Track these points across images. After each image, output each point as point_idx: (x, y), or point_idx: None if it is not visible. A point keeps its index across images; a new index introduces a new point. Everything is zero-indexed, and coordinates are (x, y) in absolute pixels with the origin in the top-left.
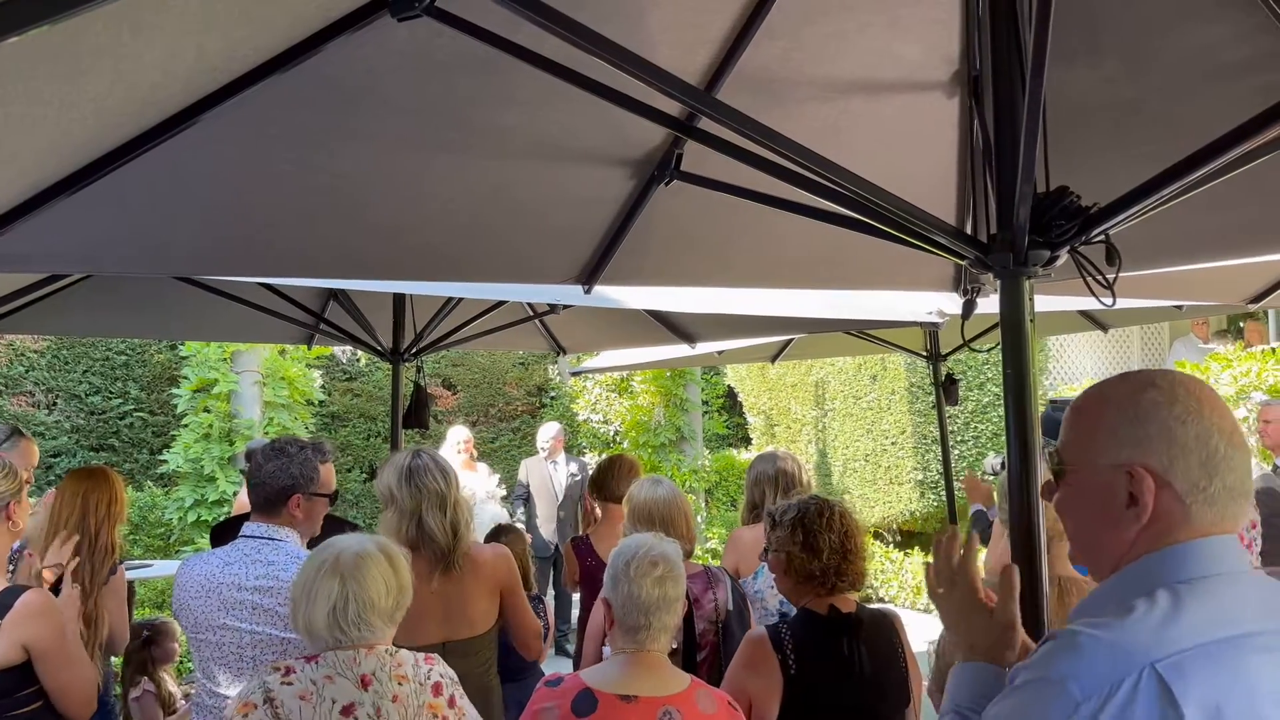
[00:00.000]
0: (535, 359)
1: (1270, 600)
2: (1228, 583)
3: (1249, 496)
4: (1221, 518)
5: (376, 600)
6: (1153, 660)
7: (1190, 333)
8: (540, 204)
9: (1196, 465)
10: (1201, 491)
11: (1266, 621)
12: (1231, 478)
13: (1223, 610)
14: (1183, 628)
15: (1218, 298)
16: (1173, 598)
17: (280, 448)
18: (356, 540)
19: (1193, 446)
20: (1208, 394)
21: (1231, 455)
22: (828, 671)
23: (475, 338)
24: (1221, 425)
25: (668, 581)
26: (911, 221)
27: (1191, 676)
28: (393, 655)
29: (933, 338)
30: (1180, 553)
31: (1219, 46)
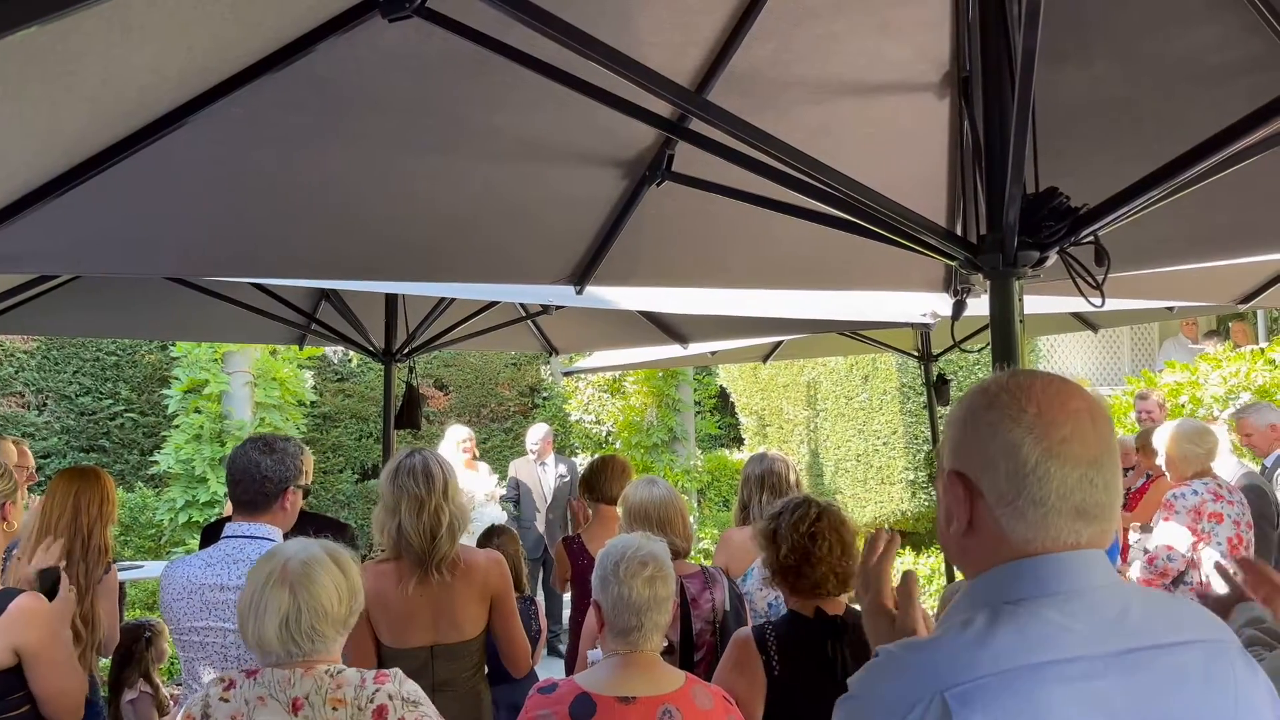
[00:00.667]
0: (527, 359)
1: (1111, 622)
2: (1060, 603)
3: (1084, 514)
4: (1044, 533)
5: (329, 608)
6: (943, 687)
7: (1180, 333)
8: (532, 205)
9: (1003, 477)
10: (1009, 504)
11: (1091, 647)
12: (1042, 492)
13: (1040, 635)
14: (988, 653)
15: (1208, 298)
16: (990, 619)
17: (270, 443)
18: (302, 546)
19: (999, 457)
20: (1050, 401)
21: (1048, 468)
22: (810, 674)
23: (467, 338)
24: (1048, 435)
25: (658, 581)
26: (901, 222)
27: (978, 705)
28: (334, 676)
29: (924, 338)
30: (1011, 571)
31: (1208, 48)
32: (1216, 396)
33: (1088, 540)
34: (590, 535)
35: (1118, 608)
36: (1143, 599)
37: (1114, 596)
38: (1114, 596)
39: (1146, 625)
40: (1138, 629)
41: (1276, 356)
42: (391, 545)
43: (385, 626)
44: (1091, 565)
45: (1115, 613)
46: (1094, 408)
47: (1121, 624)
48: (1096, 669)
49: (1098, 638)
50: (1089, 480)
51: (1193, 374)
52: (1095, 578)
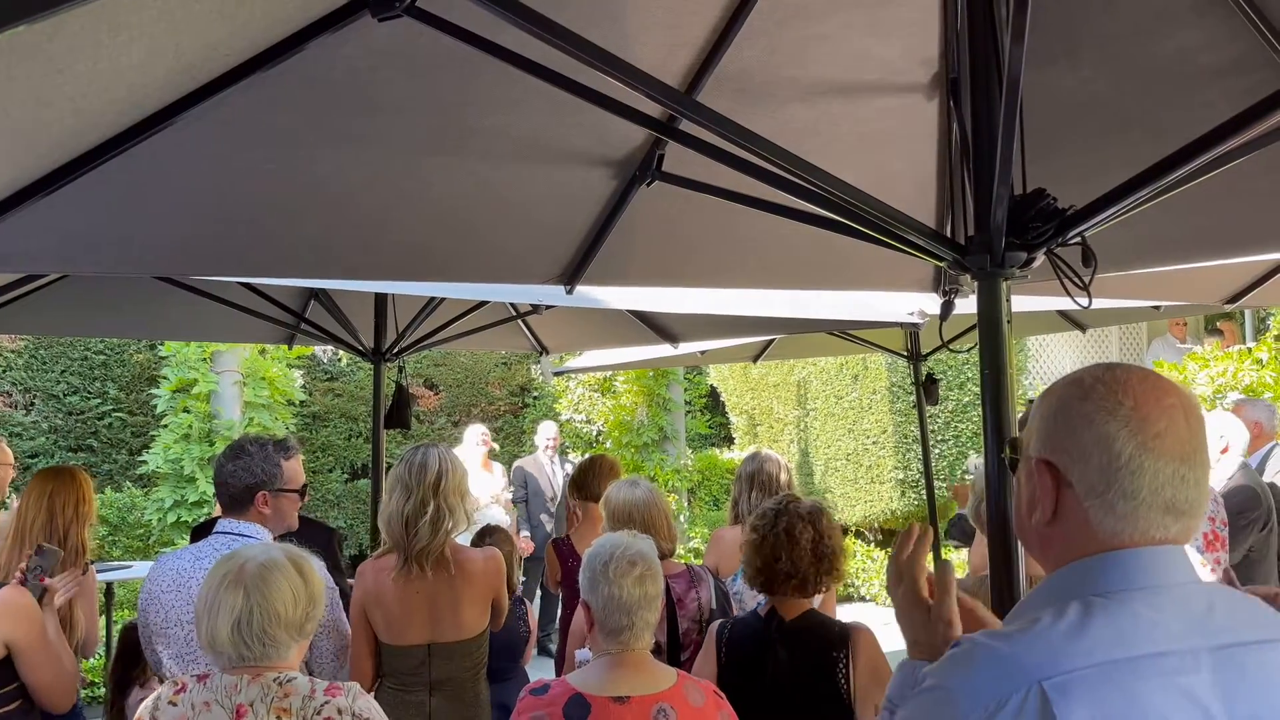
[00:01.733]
0: (518, 359)
1: (1198, 618)
2: (1149, 597)
3: (1173, 509)
4: (1133, 527)
5: (283, 613)
6: (1042, 678)
7: (1168, 333)
8: (522, 204)
9: (1095, 469)
10: (1099, 496)
11: (1182, 641)
12: (1134, 485)
13: (1134, 628)
14: (1083, 645)
15: (1195, 298)
16: (1083, 611)
17: (240, 447)
18: (263, 549)
19: (1093, 449)
20: (1146, 396)
21: (1142, 462)
22: (747, 671)
23: (457, 338)
24: (1143, 429)
25: (647, 580)
26: (890, 223)
27: (1077, 697)
28: (282, 684)
29: (913, 338)
30: (1098, 564)
31: (1196, 50)
32: (1204, 396)
33: (1176, 535)
34: (579, 535)
35: (1203, 604)
36: (1224, 597)
37: (1198, 593)
38: (1198, 593)
39: (1231, 622)
40: (1224, 626)
41: (1263, 356)
42: (385, 532)
43: (382, 623)
44: (1176, 561)
45: (1202, 609)
46: (1188, 404)
47: (1209, 620)
48: (1188, 664)
49: (1188, 633)
50: (1180, 476)
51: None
52: (1179, 574)
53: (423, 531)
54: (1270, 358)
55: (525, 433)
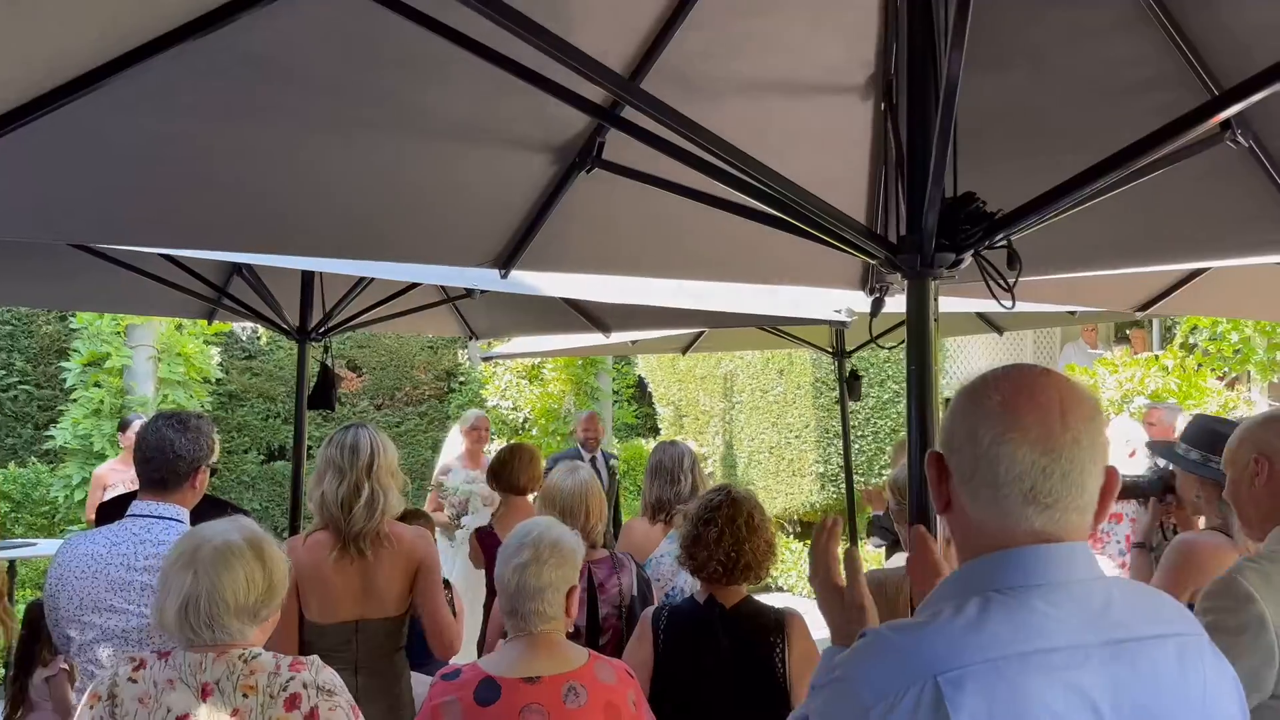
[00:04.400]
0: (445, 343)
1: (1095, 614)
2: (1047, 594)
3: (1034, 500)
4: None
5: (233, 599)
6: (937, 671)
7: (1080, 338)
8: (459, 186)
9: (966, 459)
10: (966, 484)
11: (1075, 637)
12: (993, 474)
13: (1029, 624)
14: (979, 640)
15: (1109, 305)
16: (982, 606)
17: (183, 421)
18: (223, 530)
19: (964, 440)
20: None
21: (999, 451)
22: (687, 657)
23: (387, 319)
24: (1004, 421)
25: (549, 564)
26: (827, 220)
27: (968, 691)
28: (248, 661)
29: (839, 335)
30: (1000, 560)
31: (1121, 64)
32: (1112, 400)
33: (1042, 527)
34: (501, 525)
35: (1101, 600)
36: (1124, 592)
37: (1097, 589)
38: (1097, 589)
39: (1127, 618)
40: (1119, 621)
41: (1169, 363)
42: (318, 514)
43: (315, 600)
44: (1076, 558)
45: (1099, 605)
46: (1069, 401)
47: (1104, 616)
48: (1078, 659)
49: (1081, 628)
50: (1042, 468)
51: (1091, 377)
52: (1079, 570)
53: (359, 515)
54: (1176, 365)
55: (450, 418)
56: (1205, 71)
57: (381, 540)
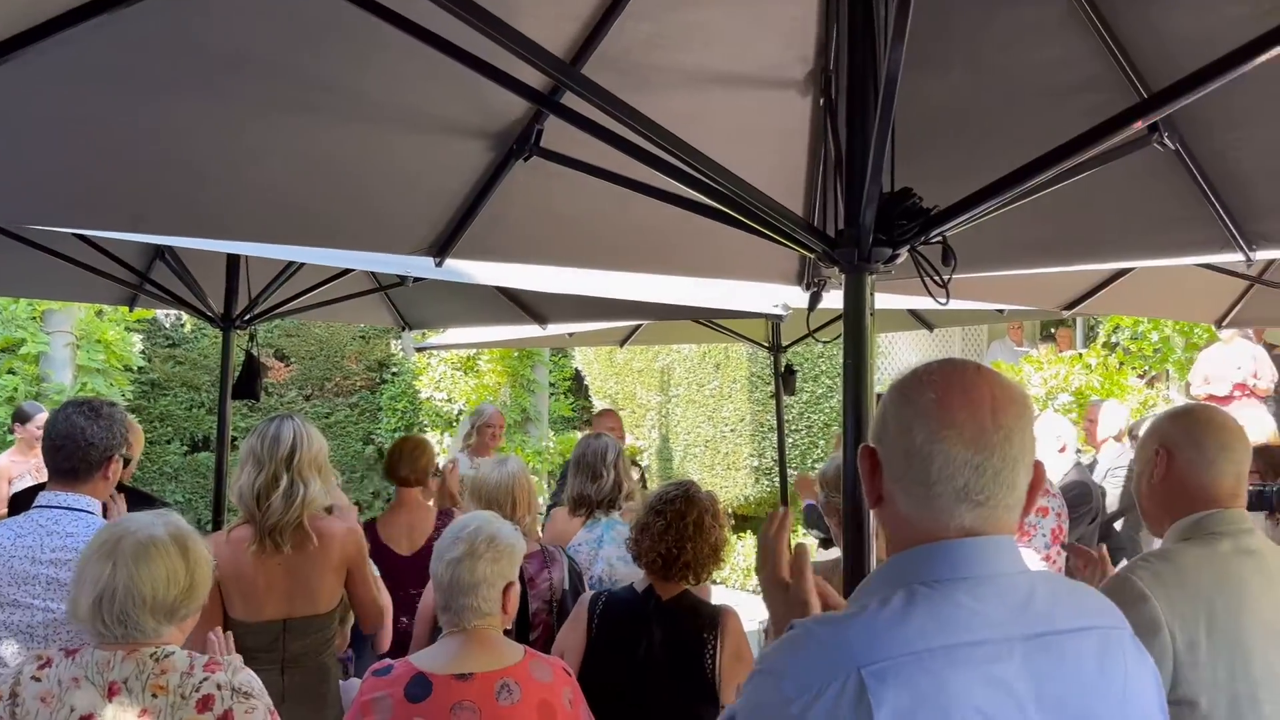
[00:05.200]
0: (377, 332)
1: (1018, 607)
2: (972, 587)
3: (966, 498)
4: (930, 513)
5: (150, 594)
6: (861, 664)
7: (1006, 336)
8: (392, 171)
9: (899, 455)
10: (898, 481)
11: (998, 630)
12: (926, 472)
13: (954, 617)
14: (904, 633)
15: (1036, 303)
16: (907, 599)
17: (94, 408)
18: (148, 522)
19: (897, 436)
20: (952, 389)
21: (932, 449)
22: (619, 645)
23: (315, 307)
24: (938, 419)
25: (484, 559)
26: (766, 213)
27: (891, 684)
28: (159, 660)
29: (775, 329)
30: (925, 553)
31: (1056, 66)
32: (1037, 397)
33: (972, 524)
34: (385, 519)
35: (1024, 593)
36: (1047, 586)
37: (1021, 582)
38: (1021, 582)
39: (1049, 611)
40: (1041, 614)
41: (1093, 361)
42: (239, 507)
43: (238, 597)
44: (1001, 551)
45: (1022, 598)
46: (1000, 399)
47: (1027, 609)
48: (1001, 652)
49: (1004, 622)
50: (975, 466)
51: (1017, 374)
52: (1004, 564)
53: (275, 505)
54: (1098, 363)
55: (382, 410)
56: (1135, 75)
57: (306, 534)
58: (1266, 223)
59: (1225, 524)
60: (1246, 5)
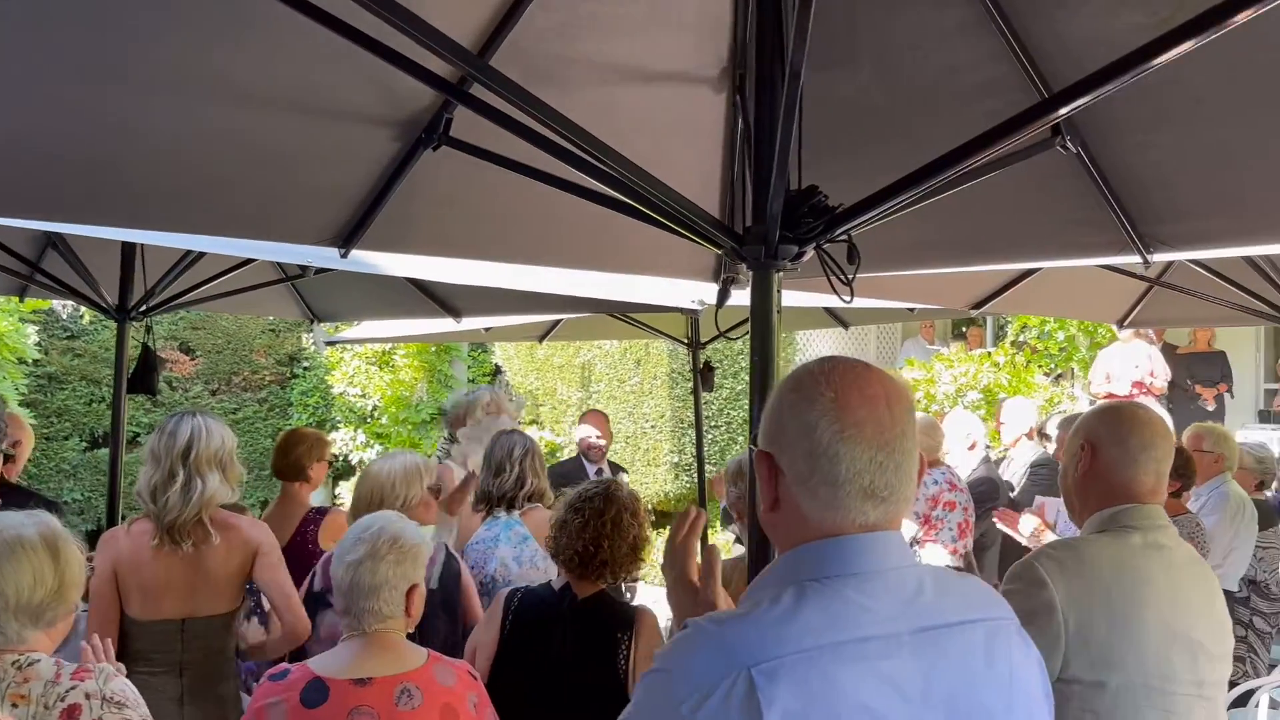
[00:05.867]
0: (288, 325)
1: (907, 602)
2: (861, 583)
3: (872, 495)
4: (835, 512)
5: (15, 596)
6: (751, 663)
7: (919, 334)
8: (295, 158)
9: (801, 457)
10: (803, 484)
11: (887, 626)
12: (833, 472)
13: (844, 613)
14: (793, 630)
15: (945, 302)
16: (797, 596)
17: None
18: (18, 522)
19: (798, 438)
20: (848, 386)
21: (839, 450)
22: (532, 645)
23: (216, 298)
24: (841, 418)
25: (386, 560)
26: (674, 208)
27: (781, 683)
28: (22, 668)
29: (694, 326)
30: (815, 550)
31: (963, 68)
32: (947, 394)
33: (876, 520)
34: (265, 516)
35: (913, 588)
36: (935, 579)
37: (909, 577)
38: (909, 577)
39: (937, 605)
40: (929, 609)
41: (1000, 359)
42: (140, 503)
43: (136, 594)
44: (890, 546)
45: (910, 593)
46: (893, 395)
47: (915, 604)
48: (890, 648)
49: (892, 617)
50: (878, 463)
51: (929, 372)
52: (892, 559)
53: (171, 501)
54: (1007, 361)
55: (293, 405)
56: (1040, 78)
57: (207, 531)
58: (1163, 226)
59: (1140, 519)
60: (1144, 14)
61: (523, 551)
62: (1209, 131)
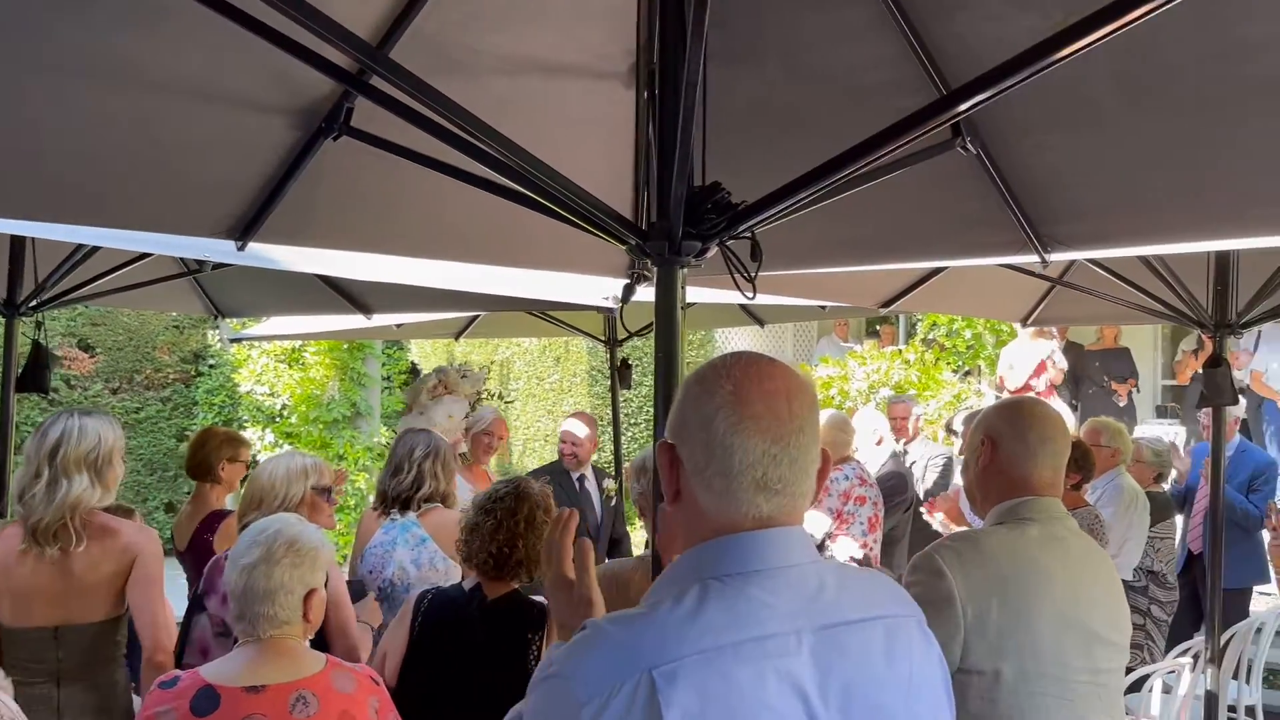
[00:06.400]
0: (193, 322)
1: (808, 599)
2: (764, 580)
3: (765, 488)
4: (728, 504)
5: None
6: (652, 665)
7: (833, 332)
8: (188, 147)
9: (699, 448)
10: (700, 474)
11: (787, 623)
12: (728, 464)
13: (747, 612)
14: (695, 630)
15: (855, 300)
16: (700, 595)
17: None
18: None
19: (696, 429)
20: (748, 380)
21: (733, 441)
22: (442, 647)
23: (113, 293)
24: (737, 411)
25: (282, 564)
26: (577, 203)
27: (681, 685)
28: None
29: (611, 323)
30: (718, 547)
31: (867, 67)
32: (860, 391)
33: (770, 513)
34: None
35: (814, 585)
36: (838, 576)
37: (812, 574)
38: (812, 574)
39: (839, 602)
40: (830, 605)
41: (911, 357)
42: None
43: (6, 598)
44: (791, 542)
45: (812, 590)
46: (794, 390)
47: (817, 601)
48: (790, 645)
49: (796, 614)
50: (772, 456)
51: (842, 368)
52: (794, 555)
53: (36, 502)
54: (916, 358)
55: (198, 404)
56: (941, 79)
57: (72, 535)
58: (1060, 227)
59: (1038, 511)
60: (1039, 16)
61: (420, 554)
62: (1102, 134)
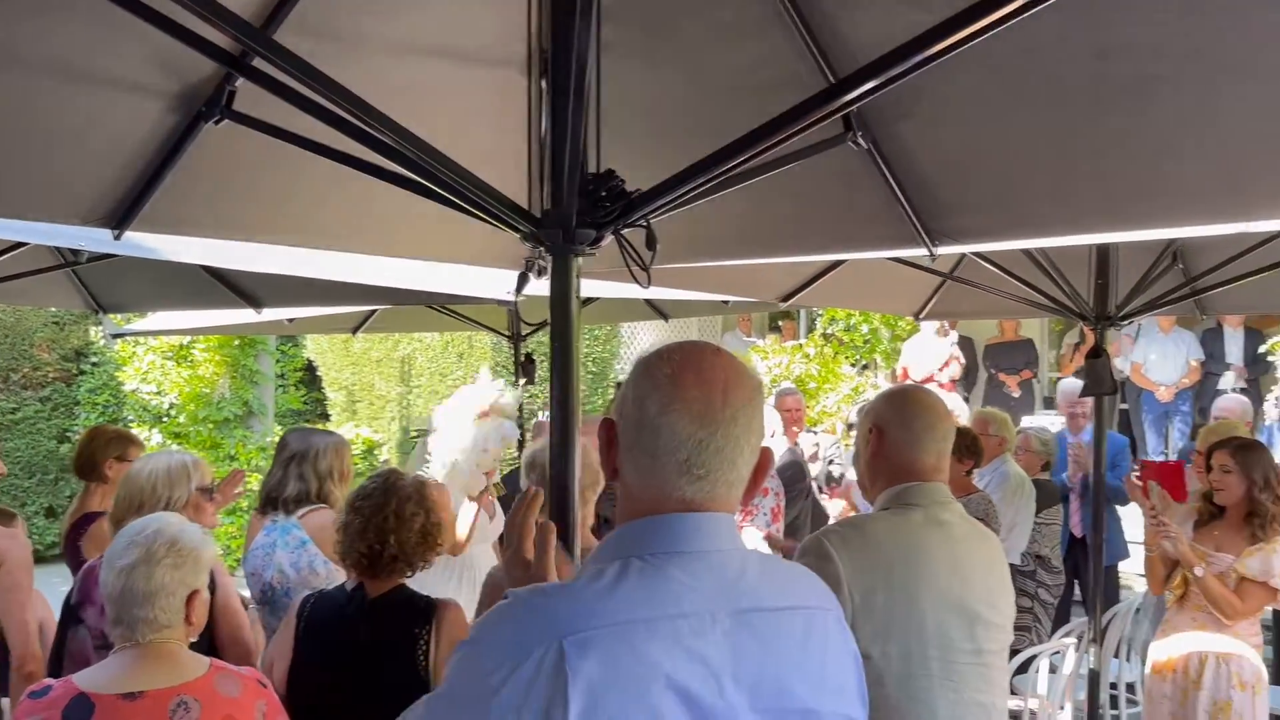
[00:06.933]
0: (74, 318)
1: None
2: (687, 562)
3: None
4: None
5: None
6: (564, 634)
7: (737, 327)
8: (57, 131)
9: (631, 426)
10: (628, 451)
11: (704, 605)
12: (653, 443)
13: (665, 590)
14: (610, 604)
15: (756, 295)
16: (620, 571)
17: None
18: None
19: (632, 408)
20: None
21: (660, 422)
22: (326, 649)
23: None
24: (670, 394)
25: (162, 565)
26: (471, 190)
27: (590, 655)
28: None
29: (515, 318)
30: (647, 526)
31: (761, 63)
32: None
33: (694, 497)
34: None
35: (736, 570)
36: (760, 565)
37: (734, 560)
38: (734, 560)
39: (757, 589)
40: (749, 591)
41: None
42: None
43: None
44: (718, 528)
45: (733, 575)
46: (731, 381)
47: (736, 586)
48: (704, 626)
49: (714, 597)
50: (699, 441)
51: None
52: (720, 540)
53: None
54: (816, 352)
55: (80, 404)
56: (834, 74)
57: None
58: (946, 221)
59: (923, 496)
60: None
61: (300, 557)
62: (985, 130)
